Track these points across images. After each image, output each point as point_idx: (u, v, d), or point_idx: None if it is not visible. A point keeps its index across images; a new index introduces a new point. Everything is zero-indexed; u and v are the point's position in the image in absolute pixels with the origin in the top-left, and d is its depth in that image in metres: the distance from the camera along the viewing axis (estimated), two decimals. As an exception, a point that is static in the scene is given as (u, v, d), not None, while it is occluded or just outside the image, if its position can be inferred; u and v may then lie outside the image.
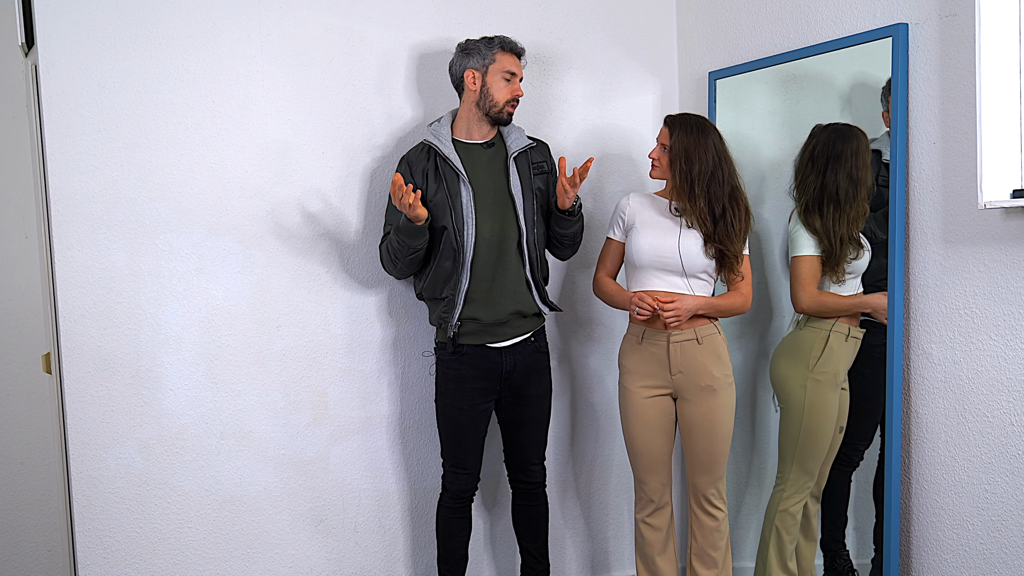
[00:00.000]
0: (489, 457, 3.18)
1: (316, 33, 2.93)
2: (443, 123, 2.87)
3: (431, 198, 2.79)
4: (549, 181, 2.93)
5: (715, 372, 2.79)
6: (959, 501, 2.62)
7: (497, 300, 2.81)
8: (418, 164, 2.82)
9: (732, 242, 2.76)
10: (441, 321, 2.81)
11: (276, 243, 2.90)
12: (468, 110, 2.86)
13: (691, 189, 2.74)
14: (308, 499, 3.00)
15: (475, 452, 2.89)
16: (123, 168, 2.70)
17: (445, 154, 2.79)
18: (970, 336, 2.56)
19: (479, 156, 2.86)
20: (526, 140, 2.91)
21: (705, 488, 2.85)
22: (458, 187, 2.79)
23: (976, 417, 2.56)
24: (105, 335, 2.70)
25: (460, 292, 2.78)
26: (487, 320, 2.80)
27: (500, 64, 2.80)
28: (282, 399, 2.93)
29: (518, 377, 2.87)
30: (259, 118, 2.86)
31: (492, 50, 2.80)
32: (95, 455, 2.71)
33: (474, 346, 2.83)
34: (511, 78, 2.82)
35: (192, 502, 2.84)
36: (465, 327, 2.81)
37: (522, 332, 2.87)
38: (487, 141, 2.89)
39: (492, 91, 2.81)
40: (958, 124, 2.53)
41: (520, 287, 2.84)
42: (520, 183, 2.85)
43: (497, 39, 2.82)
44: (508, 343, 2.85)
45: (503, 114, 2.84)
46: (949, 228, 2.58)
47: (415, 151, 2.87)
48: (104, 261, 2.69)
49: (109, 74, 2.67)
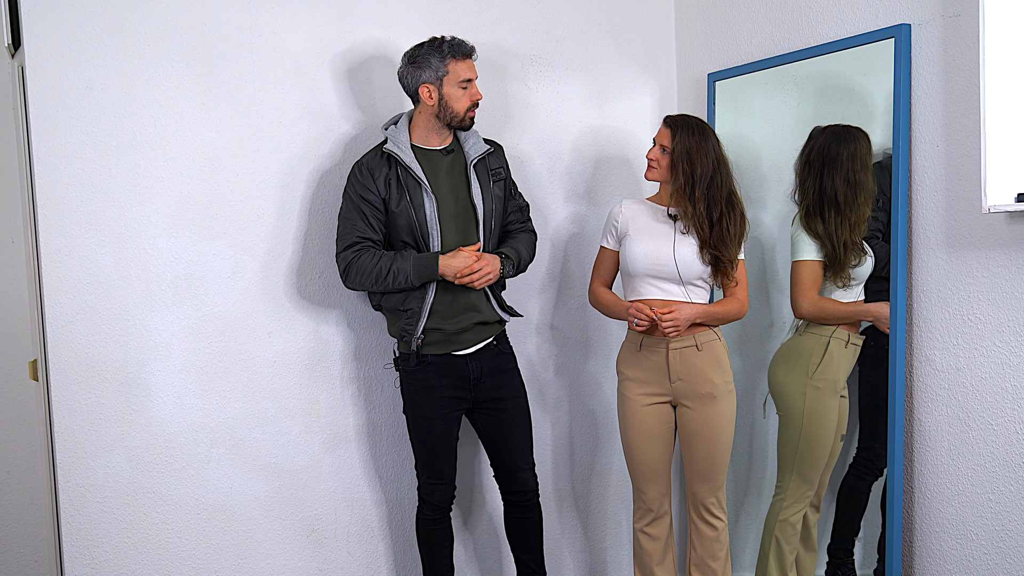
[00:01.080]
0: (461, 471, 3.15)
1: (309, 34, 2.90)
2: (400, 128, 2.79)
3: (394, 208, 2.73)
4: (506, 188, 2.89)
5: (715, 379, 2.77)
6: (962, 511, 2.60)
7: (459, 311, 2.78)
8: (378, 171, 2.73)
9: (727, 247, 2.73)
10: (403, 333, 2.77)
11: (267, 248, 2.87)
12: (427, 120, 2.77)
13: (692, 192, 2.71)
14: (299, 508, 2.97)
15: (449, 461, 2.86)
16: (111, 171, 2.66)
17: (407, 163, 2.72)
18: (974, 342, 2.54)
19: (439, 164, 2.80)
20: (483, 145, 2.84)
21: (705, 497, 2.82)
22: (421, 198, 2.73)
23: (980, 425, 2.54)
24: (93, 341, 2.67)
25: (426, 305, 2.74)
26: (450, 330, 2.77)
27: (455, 74, 2.70)
28: (273, 407, 2.90)
29: (487, 381, 2.84)
30: (250, 120, 2.83)
31: (444, 60, 2.68)
32: (83, 464, 2.68)
33: (439, 355, 2.79)
34: (468, 84, 2.73)
35: (181, 511, 2.81)
36: (428, 336, 2.77)
37: (484, 337, 2.84)
38: (446, 147, 2.82)
39: (451, 103, 2.73)
40: (962, 127, 2.52)
41: (479, 297, 2.81)
42: (481, 191, 2.80)
43: (446, 46, 2.69)
44: (472, 349, 2.82)
45: (465, 121, 2.78)
46: (952, 233, 2.56)
47: (372, 157, 2.77)
48: (92, 266, 2.66)
49: (97, 75, 2.63)
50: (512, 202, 2.93)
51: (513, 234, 2.94)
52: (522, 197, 2.98)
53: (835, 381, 2.81)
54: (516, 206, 2.95)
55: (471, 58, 2.74)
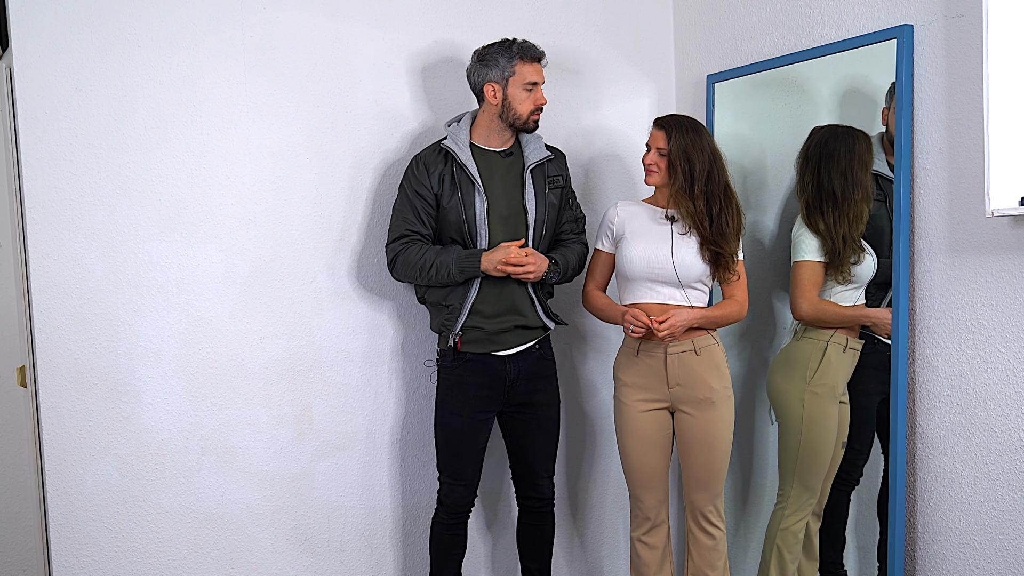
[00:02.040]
0: (488, 473, 3.14)
1: (300, 35, 2.88)
2: (462, 126, 2.82)
3: (445, 204, 2.75)
4: (562, 196, 2.90)
5: (714, 384, 2.74)
6: (966, 519, 2.58)
7: (501, 312, 2.78)
8: (434, 167, 2.77)
9: (727, 241, 2.72)
10: (443, 328, 2.79)
11: (259, 252, 2.85)
12: (490, 119, 2.81)
13: (691, 189, 2.70)
14: (292, 517, 2.95)
15: (473, 464, 2.85)
16: (101, 174, 2.64)
17: (463, 161, 2.75)
18: (977, 348, 2.52)
19: (496, 165, 2.82)
20: (544, 151, 2.86)
21: (703, 505, 2.79)
22: (473, 196, 2.76)
23: (984, 432, 2.52)
24: (82, 347, 2.64)
25: (467, 302, 2.76)
26: (490, 329, 2.78)
27: (521, 76, 2.74)
28: (265, 413, 2.88)
29: (522, 385, 2.84)
30: (242, 123, 2.80)
31: (511, 61, 2.72)
32: (72, 471, 2.65)
33: (477, 354, 2.79)
34: (533, 88, 2.76)
35: (172, 520, 2.78)
36: (468, 334, 2.78)
37: (526, 341, 2.84)
38: (505, 149, 2.84)
39: (515, 104, 2.76)
40: (965, 129, 2.51)
41: (524, 301, 2.82)
42: (535, 196, 2.81)
43: (516, 47, 2.73)
44: (512, 351, 2.82)
45: (528, 124, 2.81)
46: (955, 237, 2.55)
47: (430, 152, 2.81)
48: (81, 270, 2.63)
49: (86, 77, 2.61)
50: (568, 212, 2.94)
51: (565, 243, 2.94)
52: (579, 208, 2.99)
53: (834, 386, 2.78)
54: (572, 216, 2.95)
55: (540, 62, 2.78)
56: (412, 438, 3.11)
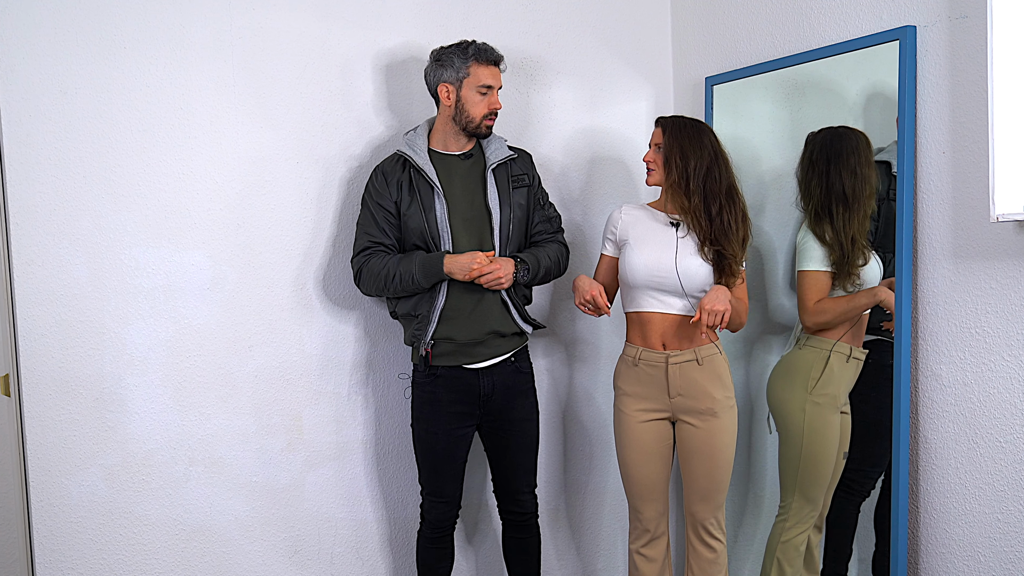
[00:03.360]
0: (470, 486, 3.11)
1: (289, 37, 2.86)
2: (419, 133, 2.80)
3: (405, 211, 2.72)
4: (530, 196, 2.85)
5: (716, 394, 2.69)
6: (970, 531, 2.55)
7: (473, 319, 2.73)
8: (392, 175, 2.74)
9: (729, 241, 2.66)
10: (414, 339, 2.74)
11: (247, 258, 2.82)
12: (444, 122, 2.78)
13: (686, 185, 2.66)
14: (282, 529, 2.92)
15: (453, 480, 2.81)
16: (86, 178, 2.62)
17: (419, 165, 2.71)
18: (981, 356, 2.49)
19: (455, 168, 2.78)
20: (506, 151, 2.82)
21: (704, 517, 2.74)
22: (432, 200, 2.71)
23: (988, 442, 2.50)
24: (67, 355, 2.62)
25: (435, 310, 2.71)
26: (462, 339, 2.72)
27: (475, 78, 2.70)
28: (254, 423, 2.85)
29: (498, 400, 2.79)
30: (230, 126, 2.78)
31: (466, 62, 2.69)
32: (56, 482, 2.63)
33: (449, 367, 2.74)
34: (487, 91, 2.72)
35: (159, 532, 2.75)
36: (439, 347, 2.73)
37: (501, 352, 2.79)
38: (465, 152, 2.81)
39: (467, 107, 2.72)
40: (969, 132, 2.48)
41: (496, 306, 2.76)
42: (498, 197, 2.77)
43: (472, 48, 2.70)
44: (486, 364, 2.77)
45: (480, 129, 2.76)
46: (959, 242, 2.53)
47: (389, 161, 2.78)
48: (66, 277, 2.61)
49: (71, 79, 2.59)
50: (540, 212, 2.89)
51: (539, 244, 2.89)
52: (554, 208, 2.94)
53: (835, 396, 2.75)
54: (545, 216, 2.90)
55: (497, 66, 2.74)
56: (403, 448, 3.08)
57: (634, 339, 2.77)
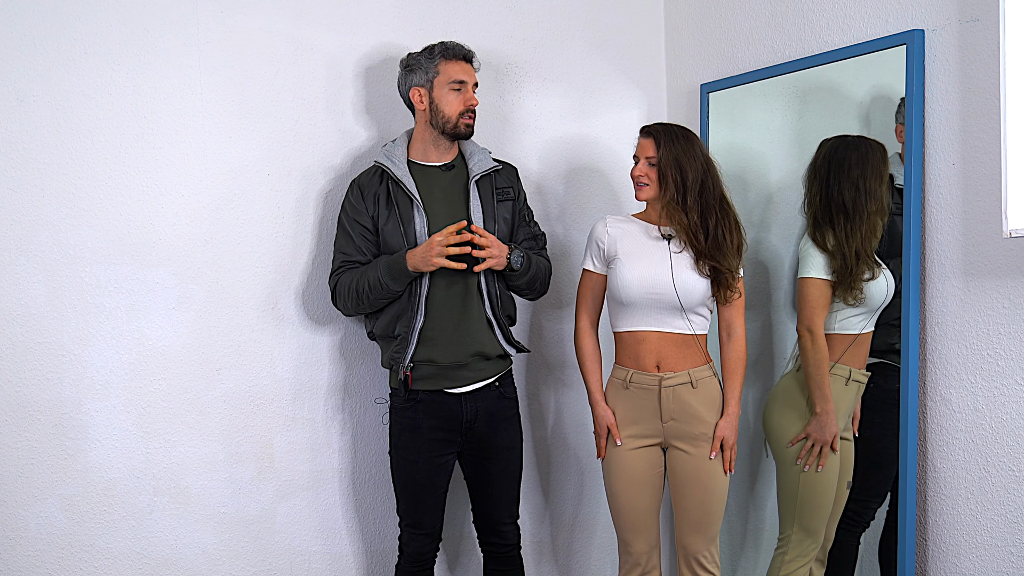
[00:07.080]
0: (451, 516, 3.04)
1: (260, 41, 2.80)
2: (398, 144, 2.73)
3: (383, 226, 2.65)
4: (515, 211, 2.78)
5: (710, 419, 2.62)
6: (982, 566, 2.52)
7: (456, 340, 2.65)
8: (369, 188, 2.68)
9: (725, 256, 2.60)
10: (393, 362, 2.66)
11: (216, 276, 2.76)
12: (423, 130, 2.72)
13: (684, 201, 2.58)
14: (252, 563, 2.84)
15: (433, 511, 2.72)
16: (44, 191, 2.55)
17: (398, 177, 2.64)
18: (994, 380, 2.47)
19: (436, 180, 2.71)
20: (491, 162, 2.75)
21: (697, 550, 2.65)
22: (411, 213, 2.65)
23: (1000, 471, 2.47)
24: (24, 379, 2.55)
25: (414, 330, 2.62)
26: (444, 362, 2.64)
27: (445, 75, 2.64)
28: (222, 451, 2.79)
29: (481, 427, 2.70)
30: (197, 135, 2.72)
31: (434, 61, 2.64)
32: (13, 514, 2.55)
33: (430, 392, 2.66)
34: (461, 87, 2.66)
35: (122, 566, 2.67)
36: (419, 370, 2.64)
37: (484, 376, 2.70)
38: (447, 163, 2.73)
39: (441, 106, 2.65)
40: (980, 142, 2.46)
41: (481, 326, 2.68)
42: (482, 210, 2.69)
43: (438, 47, 2.66)
44: (468, 388, 2.68)
45: (459, 128, 2.68)
46: (970, 259, 2.50)
47: (367, 174, 2.72)
48: (23, 296, 2.53)
49: (28, 87, 2.52)
50: (524, 228, 2.82)
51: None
52: (538, 226, 2.87)
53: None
54: (529, 233, 2.83)
55: (467, 61, 2.69)
56: (380, 478, 3.01)
57: (625, 360, 2.68)
